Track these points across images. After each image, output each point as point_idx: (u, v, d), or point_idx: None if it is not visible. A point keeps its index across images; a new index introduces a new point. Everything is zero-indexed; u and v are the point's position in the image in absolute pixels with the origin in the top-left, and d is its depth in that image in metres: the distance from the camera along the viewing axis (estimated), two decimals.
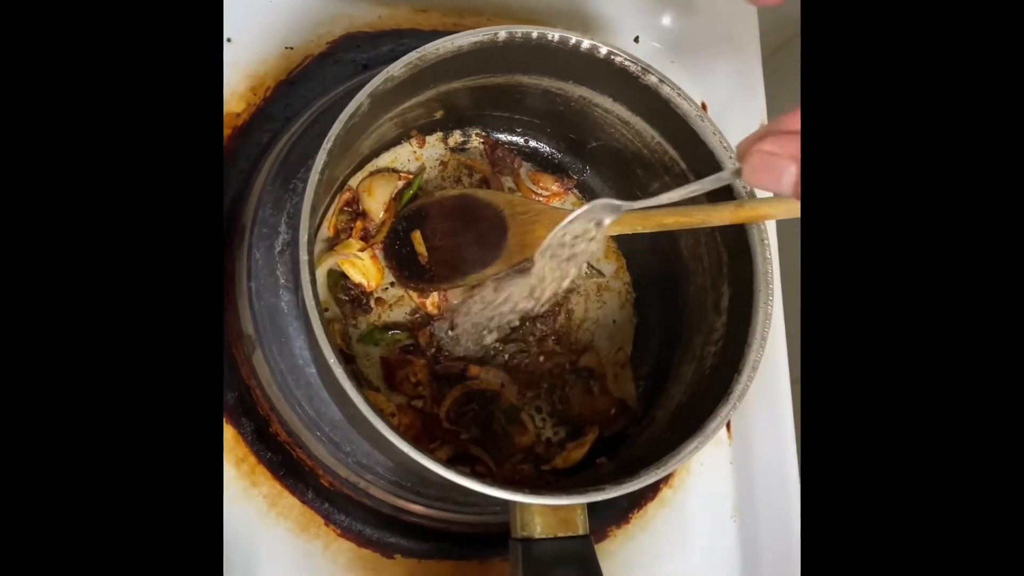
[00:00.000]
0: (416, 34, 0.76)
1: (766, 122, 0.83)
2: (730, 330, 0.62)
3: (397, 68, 0.55)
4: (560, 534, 0.55)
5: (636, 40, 0.82)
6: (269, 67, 0.73)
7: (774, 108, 0.84)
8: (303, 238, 0.52)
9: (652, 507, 0.74)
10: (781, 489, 0.75)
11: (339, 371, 0.50)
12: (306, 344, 0.64)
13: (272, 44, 0.73)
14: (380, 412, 0.51)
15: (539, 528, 0.55)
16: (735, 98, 0.84)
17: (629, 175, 0.71)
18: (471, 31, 0.57)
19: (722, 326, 0.63)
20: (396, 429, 0.51)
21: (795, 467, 0.76)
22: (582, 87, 0.65)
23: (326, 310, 0.66)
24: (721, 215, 0.59)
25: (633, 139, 0.67)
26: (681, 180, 0.66)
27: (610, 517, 0.73)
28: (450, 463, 0.64)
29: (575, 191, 0.75)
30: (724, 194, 0.61)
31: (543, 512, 0.54)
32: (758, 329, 0.58)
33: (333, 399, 0.62)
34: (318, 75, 0.73)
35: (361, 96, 0.54)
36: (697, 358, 0.65)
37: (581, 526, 0.55)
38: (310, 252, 0.52)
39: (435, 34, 0.76)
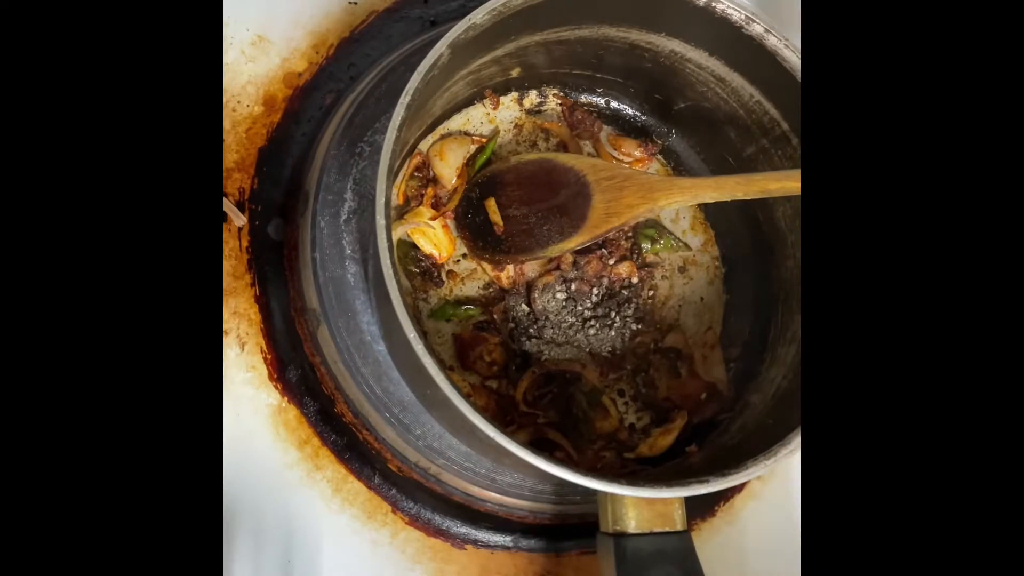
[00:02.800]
0: None
1: None
2: None
3: (480, 16, 0.50)
4: (656, 529, 0.50)
5: None
6: (332, 23, 0.68)
7: None
8: (380, 200, 0.47)
9: (740, 499, 0.68)
10: None
11: (419, 347, 0.46)
12: (374, 319, 0.60)
13: None
14: (461, 392, 0.46)
15: (634, 522, 0.50)
16: None
17: (720, 139, 0.65)
18: None
19: None
20: (476, 406, 0.46)
21: None
22: (675, 40, 0.59)
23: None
24: None
25: (728, 98, 0.61)
26: (782, 143, 0.60)
27: (692, 509, 0.67)
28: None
29: (659, 157, 0.69)
30: None
31: (638, 505, 0.50)
32: None
33: (405, 378, 0.58)
34: (383, 32, 0.69)
35: (441, 46, 0.49)
36: (798, 339, 0.59)
37: (680, 521, 0.51)
38: (387, 216, 0.47)
39: None
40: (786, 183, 0.55)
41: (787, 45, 0.55)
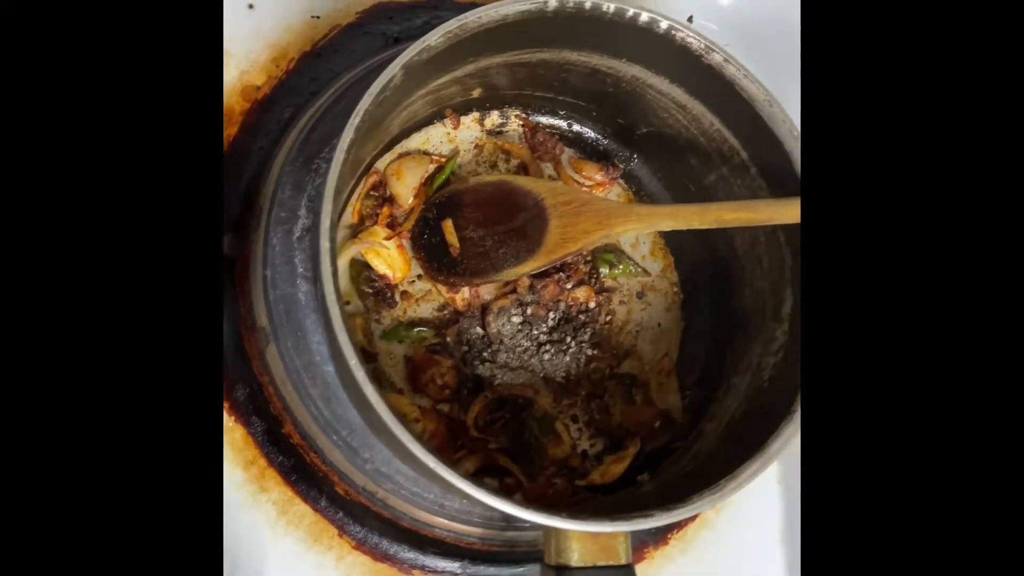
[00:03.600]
0: (453, 6, 0.70)
1: None
2: (793, 340, 0.56)
3: (435, 38, 0.50)
4: (600, 563, 0.49)
5: (690, 19, 0.75)
6: (293, 37, 0.67)
7: None
8: (325, 224, 0.46)
9: (693, 528, 0.68)
10: None
11: (360, 374, 0.45)
12: (324, 340, 0.58)
13: (297, 12, 0.67)
14: (403, 419, 0.46)
15: (576, 555, 0.49)
16: (793, 86, 0.77)
17: (681, 165, 0.65)
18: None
19: (783, 335, 0.57)
20: (420, 438, 0.46)
21: None
22: (636, 66, 0.59)
23: (347, 303, 0.61)
24: (790, 212, 0.53)
25: (689, 125, 0.61)
26: (740, 172, 0.60)
27: (647, 536, 0.67)
28: (476, 475, 0.59)
29: (621, 181, 0.68)
30: (792, 190, 0.55)
31: (582, 538, 0.49)
32: None
33: (352, 401, 0.57)
34: (346, 47, 0.68)
35: (394, 67, 0.49)
36: (753, 369, 0.59)
37: (623, 555, 0.49)
38: (332, 240, 0.46)
39: (474, 7, 0.71)
40: (742, 214, 0.54)
41: (745, 75, 0.55)
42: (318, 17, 0.68)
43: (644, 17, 0.53)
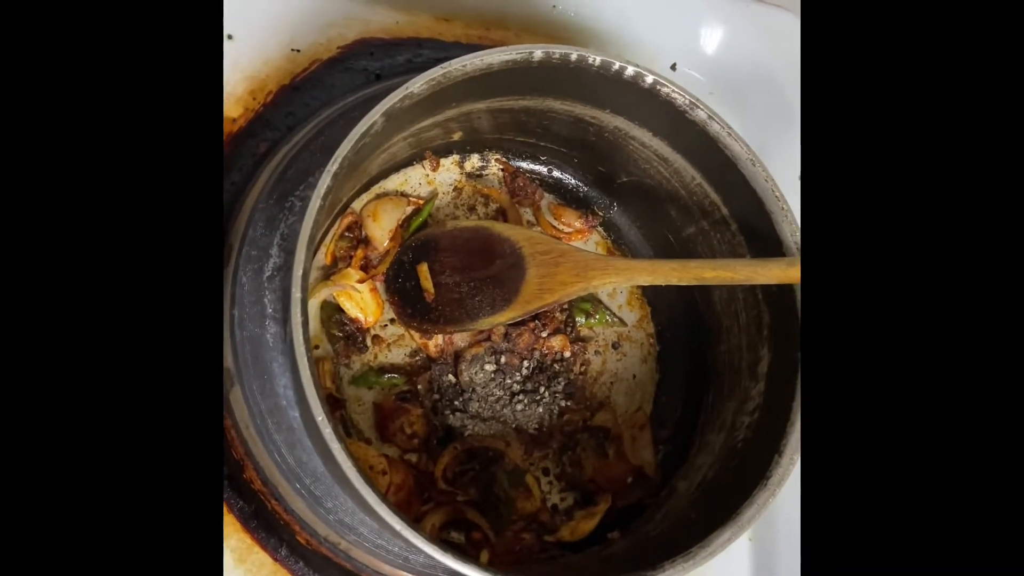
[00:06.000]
0: (436, 44, 0.69)
1: None
2: (768, 400, 0.56)
3: (418, 85, 0.49)
4: None
5: (673, 68, 0.75)
6: (272, 69, 0.66)
7: None
8: (297, 272, 0.45)
9: None
10: None
11: (327, 430, 0.43)
12: (291, 384, 0.57)
13: (277, 44, 0.66)
14: (368, 471, 0.44)
15: None
16: (775, 138, 0.77)
17: (661, 216, 0.64)
18: (503, 48, 0.50)
19: (759, 395, 0.57)
20: (383, 496, 0.44)
21: None
22: (619, 117, 0.58)
23: (316, 346, 0.59)
24: (769, 273, 0.52)
25: (670, 178, 0.61)
26: (721, 227, 0.60)
27: None
28: (443, 528, 0.57)
29: (600, 229, 0.68)
30: (772, 248, 0.55)
31: None
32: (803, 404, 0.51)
33: (317, 451, 0.55)
34: (325, 82, 0.66)
35: (375, 114, 0.48)
36: (728, 427, 0.58)
37: None
38: (304, 289, 0.45)
39: (457, 45, 0.70)
40: (721, 272, 0.54)
41: (729, 133, 0.54)
42: (298, 50, 0.66)
43: (630, 71, 0.53)
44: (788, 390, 0.53)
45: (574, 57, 0.52)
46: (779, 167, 0.66)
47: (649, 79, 0.53)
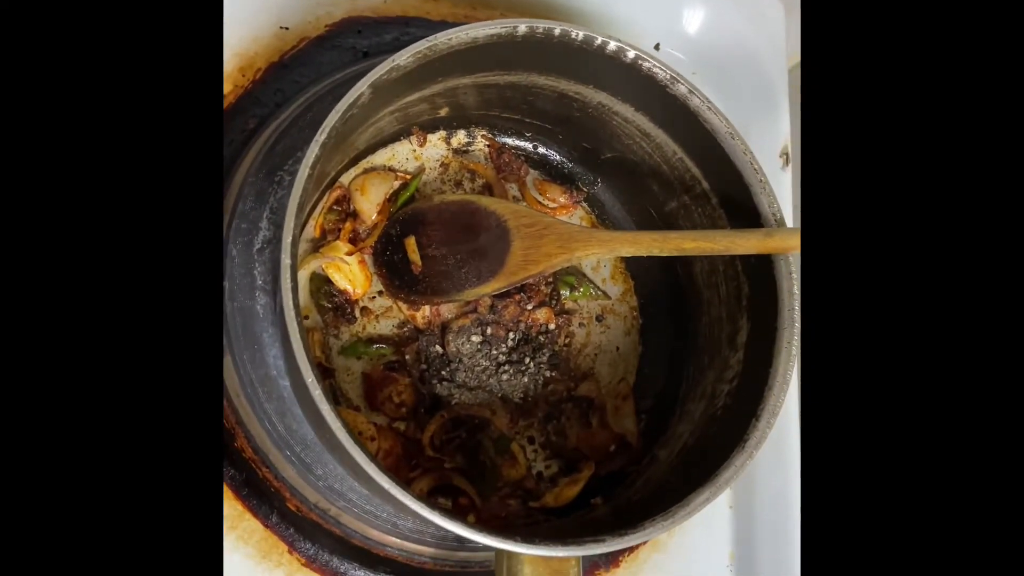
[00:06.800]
0: (423, 23, 0.70)
1: (788, 144, 0.78)
2: (747, 368, 0.57)
3: (404, 57, 0.50)
4: None
5: (656, 47, 0.76)
6: (261, 47, 0.67)
7: (798, 129, 0.79)
8: (286, 239, 0.46)
9: (644, 551, 0.68)
10: (783, 538, 0.70)
11: (316, 392, 0.44)
12: (281, 354, 0.58)
13: (266, 22, 0.67)
14: (357, 436, 0.45)
15: None
16: (757, 117, 0.78)
17: (644, 191, 0.65)
18: (488, 22, 0.51)
19: (737, 363, 0.58)
20: (373, 457, 0.45)
21: (798, 516, 0.71)
22: (602, 93, 0.59)
23: (306, 317, 0.60)
24: (747, 243, 0.54)
25: (652, 152, 0.62)
26: (701, 200, 0.61)
27: (598, 559, 0.67)
28: (431, 495, 0.58)
29: (584, 204, 0.69)
30: (751, 220, 0.56)
31: (534, 562, 0.49)
32: (780, 371, 0.53)
33: (307, 417, 0.56)
34: (314, 59, 0.67)
35: (362, 85, 0.49)
36: (708, 396, 0.60)
37: None
38: (293, 256, 0.46)
39: (444, 25, 0.71)
40: (701, 243, 0.55)
41: (709, 107, 0.56)
42: (287, 28, 0.67)
43: (612, 46, 0.54)
44: (766, 357, 0.54)
45: (557, 32, 0.53)
46: (760, 145, 0.67)
47: (631, 54, 0.54)
